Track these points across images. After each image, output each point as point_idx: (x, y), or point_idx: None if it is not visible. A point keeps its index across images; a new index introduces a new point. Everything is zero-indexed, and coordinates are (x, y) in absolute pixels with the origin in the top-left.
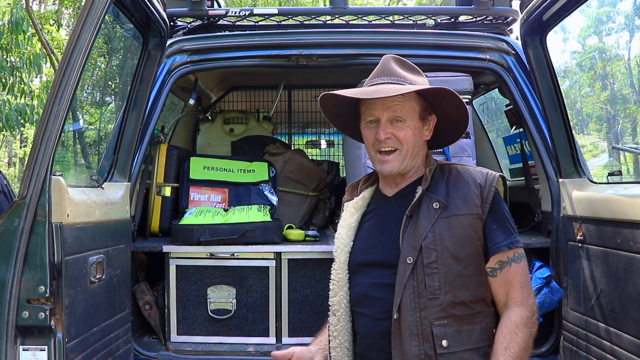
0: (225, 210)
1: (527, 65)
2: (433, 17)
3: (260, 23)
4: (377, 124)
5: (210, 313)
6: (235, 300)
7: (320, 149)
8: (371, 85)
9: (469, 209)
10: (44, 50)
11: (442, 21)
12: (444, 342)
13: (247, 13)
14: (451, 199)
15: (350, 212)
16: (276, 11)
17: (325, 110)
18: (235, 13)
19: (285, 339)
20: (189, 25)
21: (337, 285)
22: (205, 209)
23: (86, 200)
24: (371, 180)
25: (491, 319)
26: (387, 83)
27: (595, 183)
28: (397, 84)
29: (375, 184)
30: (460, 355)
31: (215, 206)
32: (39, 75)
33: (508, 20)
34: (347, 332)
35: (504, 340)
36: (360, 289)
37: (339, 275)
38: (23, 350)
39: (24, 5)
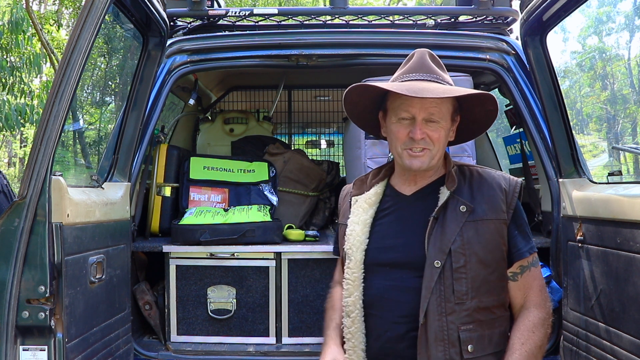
0: (225, 210)
1: (527, 65)
2: (433, 17)
3: (260, 23)
4: (410, 121)
5: (210, 313)
6: (235, 300)
7: (320, 149)
8: (408, 80)
9: (495, 214)
10: (44, 50)
11: (442, 21)
12: (470, 347)
13: (247, 13)
14: (477, 203)
15: (364, 208)
16: (276, 11)
17: (347, 98)
18: (235, 13)
19: (285, 339)
20: (189, 25)
21: (352, 285)
22: (205, 209)
23: (86, 200)
24: (381, 175)
25: (508, 324)
26: (426, 80)
27: (595, 183)
28: (436, 82)
29: (385, 179)
30: None
31: (215, 206)
32: (39, 75)
33: (508, 20)
34: (361, 333)
35: (521, 336)
36: (375, 290)
37: (354, 274)
38: (23, 350)
39: (24, 5)
